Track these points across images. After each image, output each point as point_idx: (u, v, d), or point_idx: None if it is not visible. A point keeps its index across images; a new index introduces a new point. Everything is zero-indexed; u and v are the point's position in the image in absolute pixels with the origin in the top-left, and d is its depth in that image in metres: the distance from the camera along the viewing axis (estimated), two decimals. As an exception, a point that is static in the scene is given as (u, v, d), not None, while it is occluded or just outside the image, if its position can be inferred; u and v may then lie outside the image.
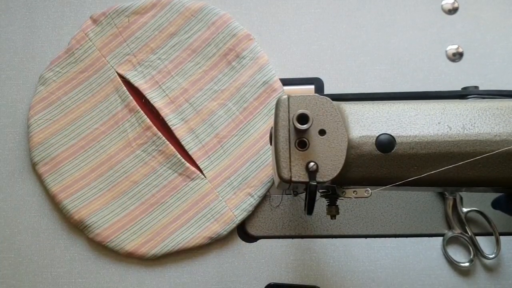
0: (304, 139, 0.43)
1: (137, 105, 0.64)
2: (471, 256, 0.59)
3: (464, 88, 0.61)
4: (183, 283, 0.61)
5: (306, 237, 0.62)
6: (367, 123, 0.44)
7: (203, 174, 0.62)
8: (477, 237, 0.60)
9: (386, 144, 0.43)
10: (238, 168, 0.62)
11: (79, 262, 0.62)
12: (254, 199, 0.61)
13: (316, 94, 0.45)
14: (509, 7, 0.66)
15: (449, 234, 0.60)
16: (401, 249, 0.61)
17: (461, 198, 0.60)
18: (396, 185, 0.44)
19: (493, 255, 0.59)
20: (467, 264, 0.59)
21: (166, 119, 0.63)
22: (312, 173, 0.43)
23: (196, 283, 0.61)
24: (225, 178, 0.62)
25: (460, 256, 0.60)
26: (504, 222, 0.59)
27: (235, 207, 0.61)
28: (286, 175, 0.43)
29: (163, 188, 0.62)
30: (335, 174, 0.43)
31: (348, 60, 0.66)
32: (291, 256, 0.61)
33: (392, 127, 0.44)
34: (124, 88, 0.64)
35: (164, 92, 0.64)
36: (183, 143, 0.63)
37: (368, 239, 0.61)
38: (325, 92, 0.65)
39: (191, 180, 0.62)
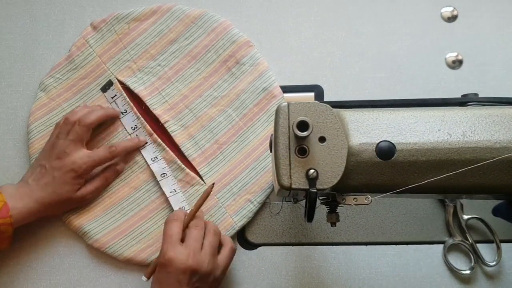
0: (304, 146, 0.43)
1: (137, 111, 0.64)
2: (472, 264, 0.59)
3: (464, 95, 0.61)
4: (183, 291, 0.61)
5: (306, 245, 0.61)
6: (367, 130, 0.44)
7: (203, 180, 0.62)
8: (478, 245, 0.59)
9: (386, 151, 0.43)
10: (238, 174, 0.62)
11: (78, 269, 0.62)
12: (254, 205, 0.61)
13: (316, 101, 0.45)
14: (508, 15, 0.67)
15: (450, 241, 0.60)
16: (402, 257, 0.61)
17: (461, 205, 0.60)
18: (396, 192, 0.43)
19: (494, 263, 0.59)
20: (468, 271, 0.59)
21: (165, 125, 0.63)
22: (312, 180, 0.43)
23: (195, 290, 0.61)
24: (225, 184, 0.62)
25: (461, 264, 0.60)
26: (505, 229, 0.59)
27: (235, 213, 0.61)
28: (286, 182, 0.43)
29: (162, 195, 0.62)
30: (335, 181, 0.43)
31: (348, 67, 0.66)
32: (291, 263, 0.61)
33: (392, 134, 0.44)
34: (125, 94, 0.64)
35: (164, 98, 0.64)
36: (182, 149, 0.63)
37: (368, 246, 0.61)
38: (325, 99, 0.65)
39: (190, 186, 0.62)
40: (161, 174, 0.62)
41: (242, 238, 0.62)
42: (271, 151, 0.48)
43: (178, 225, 0.54)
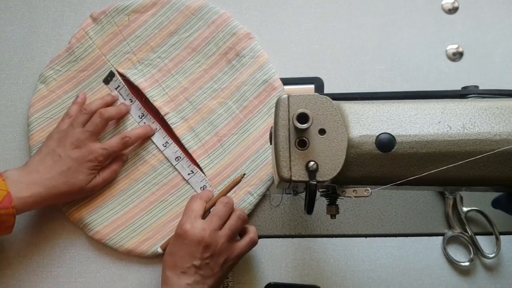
0: (304, 139, 0.43)
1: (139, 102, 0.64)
2: (471, 256, 0.60)
3: (464, 88, 0.61)
4: (183, 282, 0.61)
5: (306, 237, 0.62)
6: (367, 123, 0.44)
7: (203, 173, 0.62)
8: (477, 237, 0.60)
9: (386, 143, 0.43)
10: (238, 167, 0.62)
11: (79, 261, 0.62)
12: (254, 198, 0.61)
13: (316, 94, 0.45)
14: (509, 7, 0.66)
15: (449, 233, 0.60)
16: (401, 249, 0.61)
17: (461, 198, 0.60)
18: (396, 185, 0.44)
19: (493, 255, 0.59)
20: (467, 263, 0.59)
21: (165, 117, 0.63)
22: (312, 173, 0.43)
23: (196, 282, 0.61)
24: (225, 177, 0.62)
25: (460, 256, 0.60)
26: (504, 222, 0.59)
27: (235, 206, 0.61)
28: (286, 174, 0.43)
29: (163, 186, 0.62)
30: (335, 174, 0.43)
31: (348, 59, 0.66)
32: (291, 255, 0.61)
33: (392, 127, 0.44)
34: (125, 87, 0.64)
35: (164, 90, 0.64)
36: (183, 141, 0.63)
37: (368, 238, 0.61)
38: (325, 92, 0.65)
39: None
40: (176, 158, 0.62)
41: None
42: (271, 144, 0.48)
43: (201, 202, 0.56)
